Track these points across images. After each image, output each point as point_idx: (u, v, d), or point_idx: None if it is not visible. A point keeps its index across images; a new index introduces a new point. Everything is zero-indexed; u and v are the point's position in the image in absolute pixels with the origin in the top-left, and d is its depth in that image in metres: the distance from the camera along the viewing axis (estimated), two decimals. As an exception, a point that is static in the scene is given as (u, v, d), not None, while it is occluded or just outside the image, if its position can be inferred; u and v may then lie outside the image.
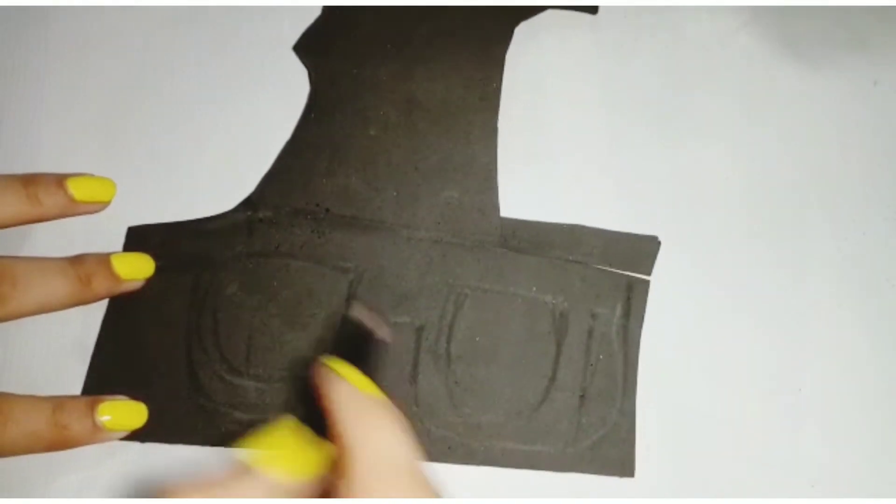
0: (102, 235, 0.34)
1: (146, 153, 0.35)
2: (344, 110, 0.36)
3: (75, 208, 0.32)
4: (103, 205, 0.33)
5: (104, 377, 0.32)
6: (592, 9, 0.38)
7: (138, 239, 0.34)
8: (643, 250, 0.35)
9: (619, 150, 0.36)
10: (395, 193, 0.35)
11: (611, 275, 0.35)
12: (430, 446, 0.32)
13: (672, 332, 0.34)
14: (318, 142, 0.35)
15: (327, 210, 0.35)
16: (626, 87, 0.37)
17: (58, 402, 0.30)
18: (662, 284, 0.35)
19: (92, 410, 0.30)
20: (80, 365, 0.33)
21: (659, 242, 0.35)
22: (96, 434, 0.30)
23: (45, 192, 0.31)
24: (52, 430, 0.29)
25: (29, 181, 0.31)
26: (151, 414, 0.31)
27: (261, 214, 0.34)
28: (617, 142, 0.36)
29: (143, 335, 0.33)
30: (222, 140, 0.36)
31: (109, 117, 0.36)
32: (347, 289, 0.34)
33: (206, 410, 0.32)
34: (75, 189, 0.32)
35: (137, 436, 0.31)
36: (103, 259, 0.32)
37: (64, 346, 0.33)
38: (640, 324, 0.34)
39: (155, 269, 0.33)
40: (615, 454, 0.33)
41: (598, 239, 0.35)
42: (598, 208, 0.35)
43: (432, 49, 0.37)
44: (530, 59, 0.37)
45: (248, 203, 0.35)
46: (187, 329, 0.33)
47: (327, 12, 0.37)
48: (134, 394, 0.32)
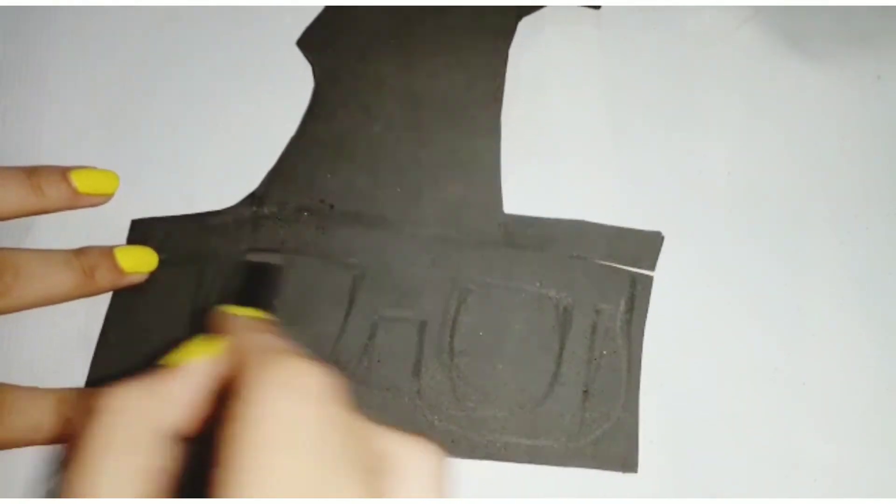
0: (106, 228, 0.34)
1: (151, 147, 0.35)
2: (348, 106, 0.36)
3: (79, 200, 0.32)
4: (106, 197, 0.33)
5: (107, 369, 0.32)
6: (595, 4, 0.38)
7: (142, 232, 0.34)
8: (647, 246, 0.35)
9: (623, 146, 0.36)
10: (398, 189, 0.35)
11: (614, 270, 0.34)
12: (434, 440, 0.32)
13: (675, 328, 0.34)
14: (322, 138, 0.35)
15: (331, 206, 0.35)
16: (629, 82, 0.37)
17: (60, 395, 0.30)
18: (666, 280, 0.35)
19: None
20: (84, 357, 0.33)
21: (662, 238, 0.35)
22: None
23: (48, 183, 0.31)
24: (56, 422, 0.29)
25: (33, 173, 0.31)
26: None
27: (265, 210, 0.34)
28: (620, 137, 0.36)
29: (146, 328, 0.33)
30: (227, 135, 0.36)
31: (114, 112, 0.36)
32: (351, 284, 0.34)
33: (209, 404, 0.32)
34: (79, 181, 0.32)
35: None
36: (107, 252, 0.32)
37: (67, 338, 0.33)
38: (644, 319, 0.34)
39: (158, 263, 0.33)
40: (618, 449, 0.33)
41: (601, 235, 0.35)
42: (601, 204, 0.35)
43: (436, 45, 0.37)
44: (534, 54, 0.37)
45: (253, 198, 0.35)
46: (191, 323, 0.33)
47: (330, 8, 0.37)
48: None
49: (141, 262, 0.33)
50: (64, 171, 0.32)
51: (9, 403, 0.29)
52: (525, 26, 0.37)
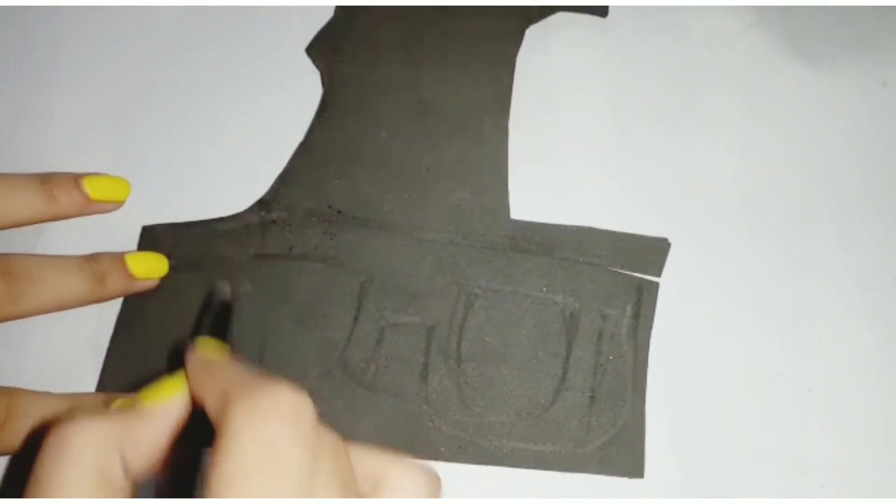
0: (117, 235, 0.34)
1: (160, 154, 0.36)
2: (356, 112, 0.36)
3: (91, 207, 0.33)
4: (118, 204, 0.33)
5: (118, 376, 0.33)
6: (602, 11, 0.38)
7: (152, 239, 0.34)
8: (653, 252, 0.35)
9: (629, 152, 0.36)
10: (406, 195, 0.35)
11: (621, 276, 0.35)
12: (441, 445, 0.32)
13: (681, 334, 0.34)
14: (330, 143, 0.36)
15: (339, 211, 0.35)
16: (635, 88, 0.37)
17: (73, 400, 0.30)
18: (672, 286, 0.35)
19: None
20: (95, 363, 0.33)
21: (669, 244, 0.35)
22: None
23: (61, 190, 0.31)
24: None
25: (46, 180, 0.31)
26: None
27: (274, 215, 0.35)
28: (626, 143, 0.37)
29: (156, 334, 0.33)
30: (236, 141, 0.36)
31: (123, 119, 0.36)
32: (359, 289, 0.34)
33: (219, 409, 0.32)
34: (91, 188, 0.32)
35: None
36: (118, 258, 0.32)
37: (78, 343, 0.33)
38: (650, 325, 0.34)
39: (169, 269, 0.33)
40: (625, 455, 0.33)
41: (608, 241, 0.35)
42: (607, 210, 0.36)
43: (443, 51, 0.37)
44: (541, 60, 0.37)
45: (262, 204, 0.35)
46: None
47: (339, 14, 0.37)
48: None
49: (151, 267, 0.33)
50: (76, 178, 0.32)
51: (21, 408, 0.29)
52: (532, 33, 0.37)
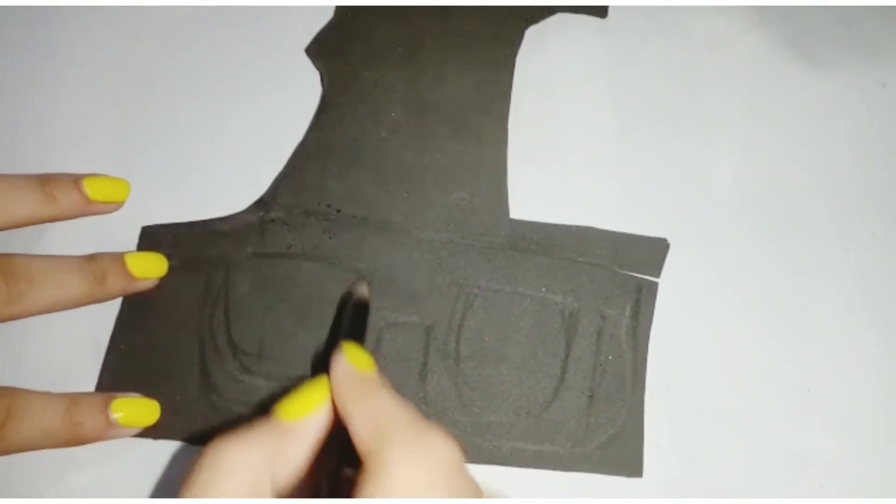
0: (117, 235, 0.34)
1: (160, 155, 0.36)
2: (355, 112, 0.36)
3: (90, 208, 0.33)
4: (117, 205, 0.34)
5: (117, 375, 0.33)
6: (602, 11, 0.38)
7: (152, 239, 0.34)
8: (652, 252, 0.35)
9: (629, 152, 0.36)
10: (405, 195, 0.35)
11: (620, 276, 0.35)
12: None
13: (681, 334, 0.34)
14: (329, 143, 0.36)
15: (338, 211, 0.35)
16: (635, 89, 0.37)
17: (72, 399, 0.30)
18: (671, 286, 0.35)
19: (105, 407, 0.31)
20: (94, 362, 0.33)
21: (668, 245, 0.35)
22: (109, 430, 0.31)
23: (61, 191, 0.31)
24: (67, 426, 0.30)
25: (46, 181, 0.31)
26: (164, 411, 0.32)
27: (273, 215, 0.35)
28: (626, 144, 0.37)
29: (156, 334, 0.33)
30: (235, 141, 0.36)
31: (123, 119, 0.36)
32: (358, 289, 0.34)
33: (219, 408, 0.33)
34: (91, 189, 0.32)
35: (150, 433, 0.32)
36: (117, 258, 0.32)
37: (78, 343, 0.33)
38: (649, 325, 0.34)
39: (168, 269, 0.34)
40: (623, 454, 0.33)
41: (607, 241, 0.35)
42: (607, 210, 0.36)
43: (443, 51, 0.37)
44: (540, 61, 0.37)
45: (261, 204, 0.35)
46: (200, 328, 0.33)
47: (339, 15, 0.37)
48: (147, 392, 0.32)
49: (151, 267, 0.33)
50: (76, 179, 0.32)
51: (21, 408, 0.29)
52: (532, 33, 0.37)
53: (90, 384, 0.33)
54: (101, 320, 0.33)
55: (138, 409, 0.31)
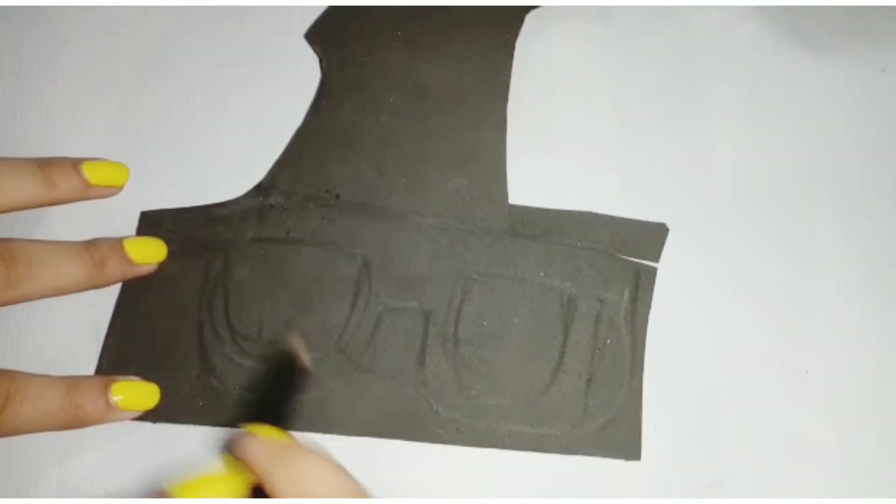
0: (116, 220, 0.34)
1: (159, 140, 0.36)
2: (354, 97, 0.36)
3: (90, 192, 0.33)
4: (117, 189, 0.33)
5: (117, 359, 0.33)
6: (601, -4, 0.38)
7: (151, 224, 0.34)
8: (651, 237, 0.35)
9: (628, 138, 0.36)
10: (404, 180, 0.35)
11: (619, 261, 0.35)
12: (438, 428, 0.33)
13: (679, 318, 0.34)
14: (328, 128, 0.36)
15: (338, 196, 0.35)
16: (634, 75, 0.37)
17: (72, 382, 0.30)
18: (670, 271, 0.35)
19: (105, 390, 0.31)
20: (94, 347, 0.33)
21: (667, 229, 0.35)
22: (109, 413, 0.31)
23: (61, 175, 0.31)
24: (67, 408, 0.30)
25: (45, 165, 0.31)
26: (163, 395, 0.32)
27: (272, 200, 0.35)
28: (625, 129, 0.37)
29: (155, 318, 0.33)
30: (234, 127, 0.36)
31: (123, 105, 0.36)
32: (357, 274, 0.34)
33: (218, 392, 0.33)
34: (90, 173, 0.32)
35: (149, 416, 0.32)
36: (117, 243, 0.32)
37: (77, 328, 0.33)
38: (648, 309, 0.34)
39: (167, 254, 0.34)
40: (621, 437, 0.33)
41: (606, 226, 0.35)
42: (606, 195, 0.36)
43: (442, 36, 0.37)
44: (540, 46, 0.37)
45: (260, 189, 0.35)
46: (199, 312, 0.33)
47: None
48: (146, 375, 0.32)
49: (150, 253, 0.33)
50: (76, 163, 0.32)
51: (22, 390, 0.29)
52: (532, 19, 0.37)
53: (90, 368, 0.33)
54: (101, 305, 0.33)
55: (138, 393, 0.31)
